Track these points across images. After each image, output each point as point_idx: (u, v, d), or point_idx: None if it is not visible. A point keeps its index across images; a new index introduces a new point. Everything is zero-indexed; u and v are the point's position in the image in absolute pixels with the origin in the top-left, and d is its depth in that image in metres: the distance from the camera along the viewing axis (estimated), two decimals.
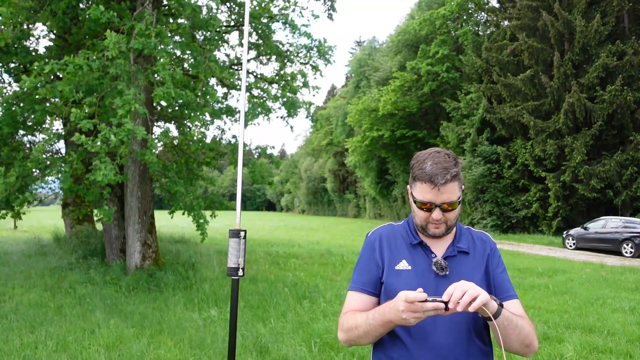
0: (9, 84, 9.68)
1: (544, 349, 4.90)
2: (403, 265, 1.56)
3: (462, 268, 1.54)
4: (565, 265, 11.73)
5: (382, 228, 1.70)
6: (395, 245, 1.62)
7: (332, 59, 10.20)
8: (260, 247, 14.56)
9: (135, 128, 6.47)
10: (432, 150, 1.51)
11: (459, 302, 1.27)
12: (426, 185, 1.44)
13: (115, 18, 6.93)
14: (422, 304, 1.29)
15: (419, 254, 1.57)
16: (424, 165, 1.45)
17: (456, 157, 1.50)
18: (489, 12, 27.15)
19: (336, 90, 67.18)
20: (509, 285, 1.58)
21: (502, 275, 1.59)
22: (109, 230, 9.75)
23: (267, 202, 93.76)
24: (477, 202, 25.35)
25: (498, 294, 1.53)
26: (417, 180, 1.47)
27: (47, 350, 4.66)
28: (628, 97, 18.91)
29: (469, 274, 1.52)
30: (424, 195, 1.46)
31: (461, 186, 1.50)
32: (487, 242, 1.63)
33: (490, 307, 1.34)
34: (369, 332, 1.49)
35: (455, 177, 1.44)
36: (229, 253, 1.52)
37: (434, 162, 1.44)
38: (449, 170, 1.43)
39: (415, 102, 30.39)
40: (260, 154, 10.21)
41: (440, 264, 1.52)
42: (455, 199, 1.46)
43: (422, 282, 1.50)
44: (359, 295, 1.62)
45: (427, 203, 1.46)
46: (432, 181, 1.42)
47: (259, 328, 5.47)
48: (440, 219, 1.48)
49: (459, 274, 1.50)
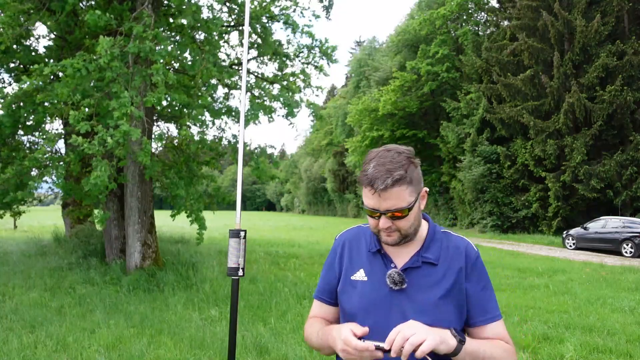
0: (9, 84, 9.68)
1: (544, 348, 4.90)
2: (359, 276, 1.40)
3: (424, 282, 1.33)
4: (565, 265, 11.73)
5: (350, 231, 1.53)
6: (357, 251, 1.45)
7: (335, 58, 10.19)
8: (260, 247, 14.56)
9: (131, 129, 6.48)
10: (383, 148, 1.31)
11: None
12: (367, 190, 1.27)
13: (113, 21, 6.93)
14: (359, 348, 1.18)
15: (377, 263, 1.39)
16: (367, 167, 1.27)
17: (410, 157, 1.29)
18: (489, 12, 27.15)
19: (336, 90, 67.21)
20: (491, 305, 1.38)
21: (482, 293, 1.36)
22: (108, 230, 9.75)
23: (267, 202, 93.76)
24: (477, 202, 25.36)
25: (476, 316, 1.35)
26: (360, 183, 1.29)
27: (47, 350, 4.66)
28: (628, 97, 18.91)
29: (430, 289, 1.32)
30: (368, 201, 1.28)
31: (416, 190, 1.29)
32: (464, 253, 1.37)
33: (444, 349, 1.19)
34: (321, 348, 1.40)
35: (400, 181, 1.23)
36: (229, 253, 1.52)
37: (378, 163, 1.25)
38: (391, 173, 1.23)
39: (415, 102, 30.40)
40: (260, 154, 10.20)
41: (394, 277, 1.32)
42: (403, 205, 1.26)
43: (377, 296, 1.34)
44: (319, 303, 1.53)
45: (372, 209, 1.28)
46: (372, 186, 1.24)
47: (259, 328, 5.47)
48: (390, 227, 1.29)
49: (419, 289, 1.32)
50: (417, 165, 1.30)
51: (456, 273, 1.34)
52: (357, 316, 1.36)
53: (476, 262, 1.38)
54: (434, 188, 32.22)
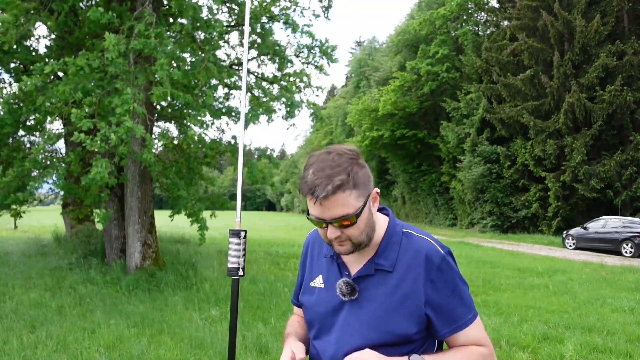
0: (10, 84, 9.69)
1: (544, 348, 4.90)
2: (318, 282, 1.32)
3: (377, 291, 1.21)
4: (565, 265, 11.74)
5: (316, 230, 1.40)
6: (318, 255, 1.36)
7: (335, 57, 10.20)
8: (260, 247, 14.56)
9: (134, 126, 6.48)
10: (324, 150, 1.18)
11: None
12: (309, 199, 1.14)
13: (115, 19, 6.94)
14: None
15: (333, 270, 1.29)
16: (307, 173, 1.14)
17: (353, 157, 1.16)
18: (489, 12, 27.16)
19: (336, 90, 67.24)
20: (461, 311, 1.22)
21: (450, 300, 1.20)
22: (109, 230, 9.75)
23: (267, 202, 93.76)
24: (477, 202, 25.37)
25: (445, 327, 1.21)
26: (301, 192, 1.17)
27: (47, 350, 4.66)
28: (628, 97, 18.92)
29: (383, 299, 1.20)
30: (312, 210, 1.16)
31: (363, 193, 1.16)
32: (424, 258, 1.20)
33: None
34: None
35: (342, 186, 1.11)
36: (229, 253, 1.52)
37: (317, 168, 1.13)
38: (332, 179, 1.10)
39: (415, 102, 30.40)
40: (260, 155, 10.18)
41: (342, 288, 1.22)
42: (349, 212, 1.13)
43: (331, 306, 1.26)
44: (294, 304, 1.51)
45: (317, 219, 1.16)
46: (313, 194, 1.12)
47: (259, 328, 5.47)
48: (340, 236, 1.16)
49: (371, 299, 1.21)
50: (362, 166, 1.17)
51: (413, 281, 1.19)
52: (314, 325, 1.31)
53: (441, 267, 1.20)
54: (434, 188, 32.22)
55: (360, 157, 1.19)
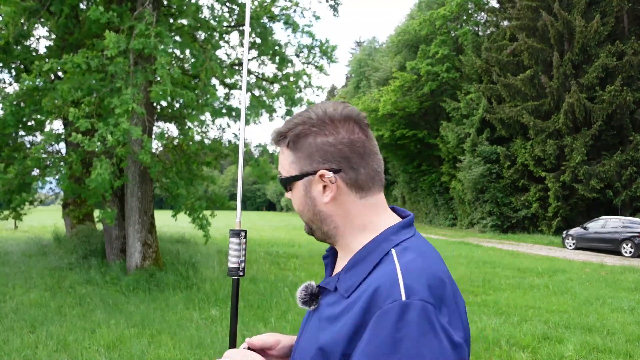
0: (10, 83, 9.70)
1: (544, 348, 4.91)
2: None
3: (326, 313, 0.88)
4: (565, 265, 11.74)
5: None
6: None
7: (335, 57, 10.22)
8: (260, 247, 14.56)
9: (131, 127, 6.49)
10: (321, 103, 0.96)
11: None
12: None
13: (115, 18, 6.95)
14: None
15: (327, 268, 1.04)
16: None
17: (324, 120, 0.89)
18: (489, 13, 27.17)
19: (336, 91, 67.22)
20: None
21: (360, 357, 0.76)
22: (109, 230, 9.76)
23: (268, 202, 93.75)
24: (477, 202, 25.38)
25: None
26: None
27: (48, 350, 4.67)
28: (627, 98, 18.93)
29: (324, 326, 0.86)
30: None
31: (302, 164, 0.91)
32: (373, 293, 0.79)
33: None
34: None
35: (277, 140, 0.94)
36: (229, 253, 1.53)
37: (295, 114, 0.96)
38: (276, 130, 0.94)
39: (415, 102, 30.41)
40: (262, 152, 10.19)
41: (300, 296, 0.95)
42: (282, 173, 0.95)
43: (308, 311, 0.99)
44: None
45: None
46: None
47: (259, 328, 5.48)
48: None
49: (318, 320, 0.90)
50: (324, 134, 0.88)
51: (350, 321, 0.80)
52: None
53: (383, 318, 0.75)
54: (434, 188, 32.23)
55: (340, 123, 0.89)
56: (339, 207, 0.91)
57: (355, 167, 0.90)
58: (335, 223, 0.92)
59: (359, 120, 0.92)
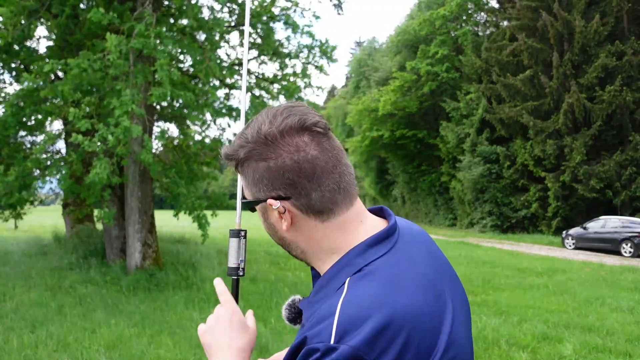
0: (10, 84, 9.71)
1: (544, 348, 4.92)
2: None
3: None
4: (564, 265, 11.75)
5: None
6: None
7: (335, 57, 10.22)
8: (260, 247, 14.56)
9: (132, 126, 6.50)
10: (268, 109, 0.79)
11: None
12: None
13: (116, 19, 6.96)
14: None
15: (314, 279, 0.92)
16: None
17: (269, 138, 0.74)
18: (489, 13, 27.18)
19: (336, 91, 67.21)
20: None
21: None
22: (109, 230, 9.76)
23: None
24: (476, 202, 25.38)
25: None
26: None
27: (48, 350, 4.67)
28: (627, 98, 18.93)
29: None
30: None
31: (251, 192, 0.81)
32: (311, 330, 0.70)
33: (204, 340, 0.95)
34: None
35: (231, 163, 0.82)
36: (229, 253, 1.54)
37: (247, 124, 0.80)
38: (222, 152, 0.84)
39: (415, 102, 30.41)
40: None
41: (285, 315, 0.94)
42: (246, 193, 0.84)
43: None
44: None
45: None
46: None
47: (259, 328, 5.46)
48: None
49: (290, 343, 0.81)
50: (265, 160, 0.75)
51: (290, 349, 0.75)
52: None
53: (307, 356, 0.67)
54: (433, 188, 32.23)
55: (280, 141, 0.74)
56: (300, 234, 0.81)
57: (305, 193, 0.75)
58: (300, 248, 0.85)
59: (306, 128, 0.74)
